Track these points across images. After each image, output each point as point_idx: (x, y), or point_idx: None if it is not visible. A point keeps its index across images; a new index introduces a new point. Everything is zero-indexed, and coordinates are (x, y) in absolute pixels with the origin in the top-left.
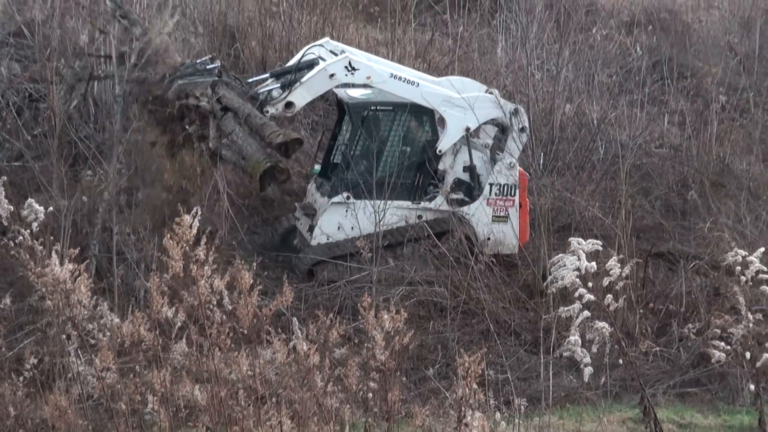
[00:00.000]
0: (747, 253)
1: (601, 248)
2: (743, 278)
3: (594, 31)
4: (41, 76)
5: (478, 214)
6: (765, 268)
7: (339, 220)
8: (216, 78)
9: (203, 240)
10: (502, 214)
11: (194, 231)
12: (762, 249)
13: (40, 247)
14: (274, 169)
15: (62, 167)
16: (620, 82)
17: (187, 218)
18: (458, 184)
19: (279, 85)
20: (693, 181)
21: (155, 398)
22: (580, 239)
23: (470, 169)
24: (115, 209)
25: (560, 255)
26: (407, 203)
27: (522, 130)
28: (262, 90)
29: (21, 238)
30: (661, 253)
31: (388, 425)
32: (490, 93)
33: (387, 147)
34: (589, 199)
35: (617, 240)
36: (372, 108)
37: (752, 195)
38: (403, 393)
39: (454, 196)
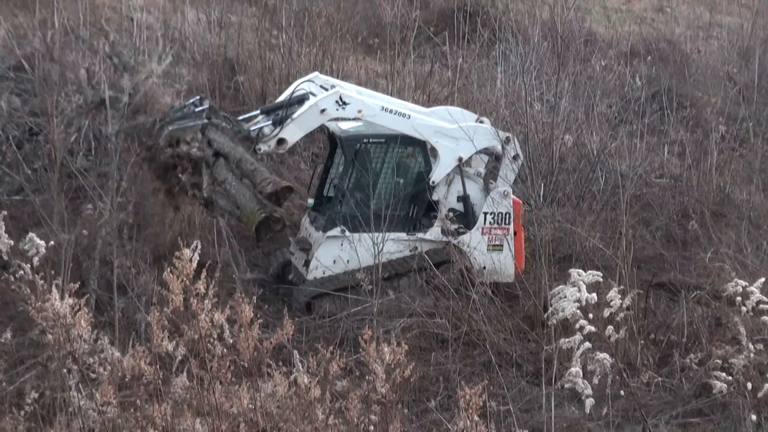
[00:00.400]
0: (748, 284)
1: (601, 279)
2: (744, 308)
3: (593, 61)
4: (41, 110)
5: (474, 243)
6: (766, 299)
7: (335, 253)
8: (205, 121)
9: (203, 274)
10: (497, 242)
11: (194, 265)
12: (763, 279)
13: (41, 282)
14: (268, 219)
15: (62, 201)
16: (619, 112)
17: (187, 252)
18: (453, 213)
19: (270, 121)
20: (693, 211)
21: (157, 430)
22: (581, 270)
23: (464, 198)
24: (115, 243)
25: (561, 286)
26: (402, 235)
27: (515, 158)
28: (254, 128)
29: (22, 272)
30: (662, 283)
31: None
32: (482, 122)
33: (380, 179)
34: (590, 229)
35: (618, 270)
36: (364, 141)
37: (753, 225)
38: (405, 425)
39: (449, 226)
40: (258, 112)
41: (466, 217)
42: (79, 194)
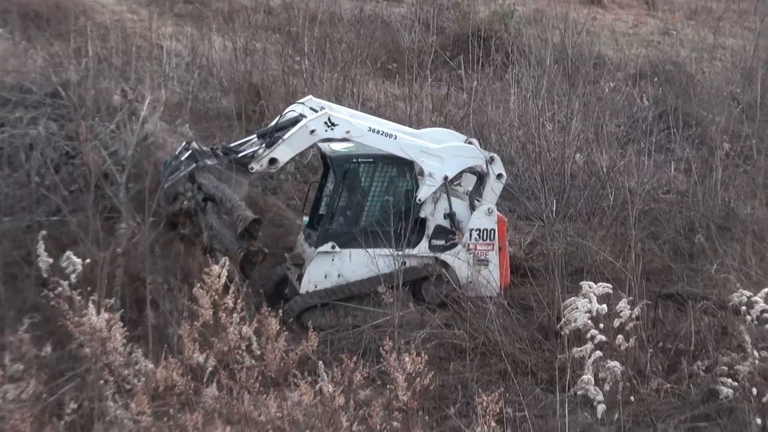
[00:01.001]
0: (752, 294)
1: (611, 291)
2: (749, 317)
3: (602, 83)
4: (77, 134)
5: (460, 258)
6: None
7: (325, 268)
8: (192, 166)
9: (231, 289)
10: (482, 258)
11: (222, 281)
12: (766, 290)
13: (78, 297)
14: (248, 255)
15: (98, 221)
16: (628, 131)
17: (215, 268)
18: (439, 230)
19: (264, 144)
20: (699, 225)
21: None
22: (592, 283)
23: (450, 215)
24: (147, 260)
25: (573, 298)
26: (389, 251)
27: (499, 177)
28: (249, 150)
29: (60, 288)
30: (670, 294)
31: None
32: (470, 143)
33: (369, 197)
34: (600, 243)
35: (627, 282)
36: (354, 161)
37: (757, 238)
38: (425, 431)
39: (435, 242)
40: (254, 135)
41: (452, 234)
42: (113, 215)
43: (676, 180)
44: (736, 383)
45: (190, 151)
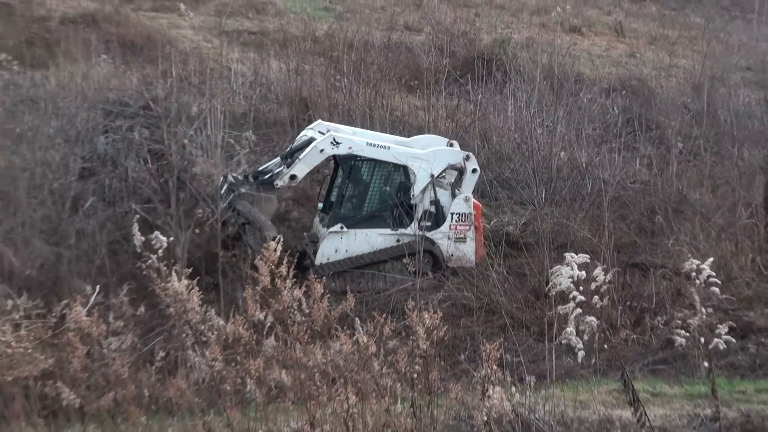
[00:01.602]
0: (700, 263)
1: (589, 260)
2: (698, 281)
3: (581, 95)
4: (163, 139)
5: (443, 236)
6: (714, 274)
7: (335, 244)
8: (232, 196)
9: (285, 260)
10: (461, 236)
11: (278, 253)
12: (711, 259)
13: (164, 268)
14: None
15: (179, 207)
16: (602, 134)
17: (272, 244)
18: (427, 214)
19: (286, 164)
20: (659, 209)
21: (252, 381)
22: (573, 254)
23: (435, 203)
24: (219, 238)
25: (558, 266)
26: (388, 230)
27: (474, 171)
28: (276, 170)
29: (150, 261)
30: (635, 263)
31: (429, 398)
32: (451, 144)
33: (370, 188)
34: (580, 223)
35: (602, 254)
36: (357, 159)
37: (704, 218)
38: (441, 373)
39: (423, 223)
40: (278, 158)
41: (437, 217)
42: (195, 201)
43: (640, 172)
44: (688, 334)
45: (227, 184)
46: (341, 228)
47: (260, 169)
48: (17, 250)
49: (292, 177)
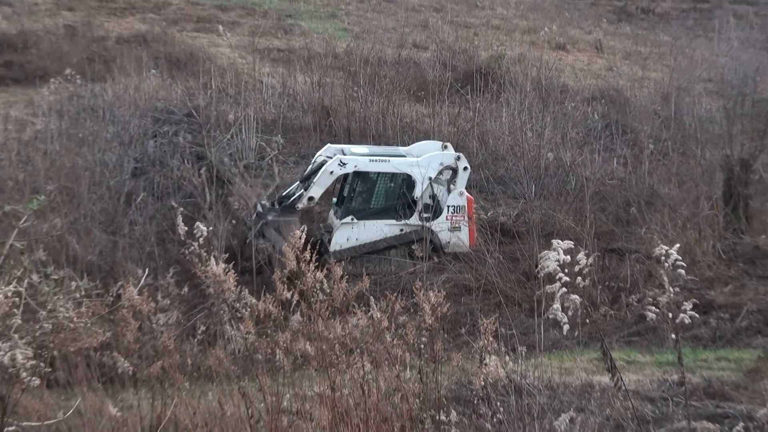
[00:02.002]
0: (668, 248)
1: (573, 246)
2: (666, 265)
3: (566, 103)
4: (205, 142)
5: (441, 226)
6: (680, 258)
7: (347, 234)
8: (260, 224)
9: (308, 247)
10: (456, 225)
11: (302, 241)
12: (678, 245)
13: (204, 254)
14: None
15: (218, 202)
16: (584, 137)
17: (297, 233)
18: (426, 207)
19: (304, 187)
20: (633, 202)
21: (281, 351)
22: (559, 241)
23: (433, 197)
24: (253, 228)
25: (546, 251)
26: (393, 221)
27: (465, 169)
28: (297, 193)
29: (192, 248)
30: (613, 249)
31: (434, 366)
32: (445, 147)
33: (377, 185)
34: (565, 214)
35: (584, 241)
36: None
37: (672, 210)
38: (444, 344)
39: (424, 215)
40: (298, 182)
41: (435, 210)
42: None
43: (617, 170)
44: (657, 310)
45: (256, 213)
46: (352, 219)
47: (284, 194)
48: (80, 238)
49: (310, 199)
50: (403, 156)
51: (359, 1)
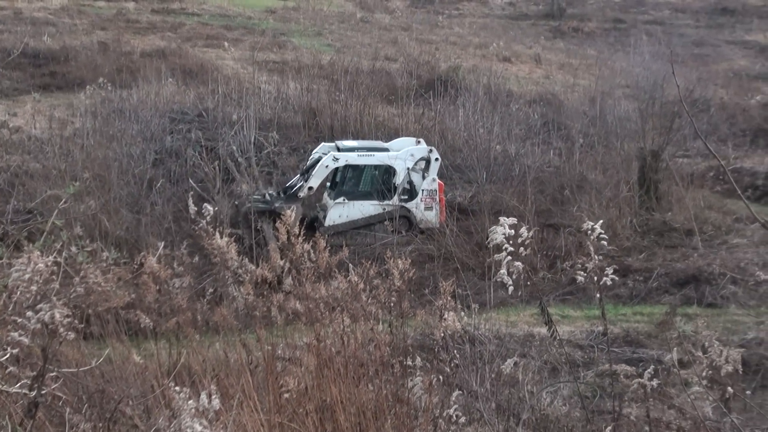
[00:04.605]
0: (594, 224)
1: (517, 222)
2: (593, 237)
3: (511, 105)
4: (213, 137)
5: (416, 206)
6: (603, 232)
7: (339, 212)
8: (267, 207)
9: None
10: (429, 206)
11: (293, 218)
12: (601, 221)
13: (211, 229)
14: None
15: (223, 186)
16: (526, 132)
17: (288, 212)
18: (404, 191)
19: (304, 179)
20: (566, 185)
21: (275, 309)
22: (506, 218)
23: (410, 183)
24: (253, 206)
25: (495, 226)
26: (377, 202)
27: (436, 160)
28: (298, 185)
29: (201, 224)
30: (550, 224)
31: (402, 320)
32: (419, 142)
33: (364, 173)
34: (511, 196)
35: (526, 218)
36: (356, 150)
37: (597, 192)
38: (410, 303)
39: (402, 197)
40: (299, 175)
41: (411, 193)
42: (234, 181)
43: (553, 160)
44: (585, 274)
45: (264, 199)
46: (344, 200)
47: (287, 185)
48: (110, 217)
49: (310, 188)
50: (387, 149)
51: (341, 22)
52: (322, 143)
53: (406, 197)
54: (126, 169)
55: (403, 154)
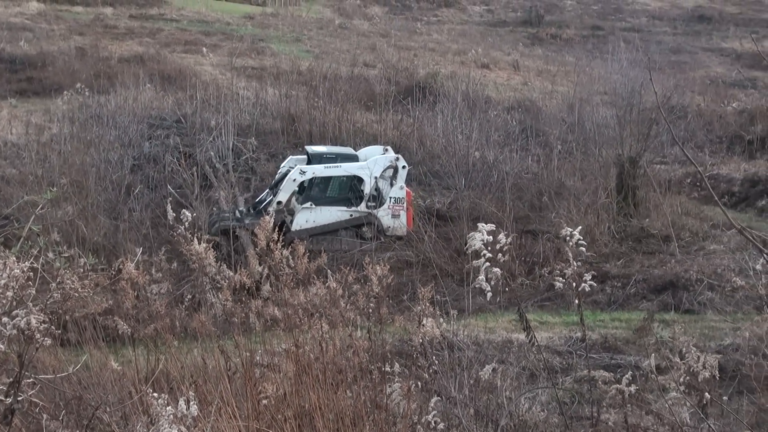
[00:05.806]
0: (572, 230)
1: (495, 228)
2: (571, 243)
3: (489, 111)
4: (191, 143)
5: (383, 214)
6: (581, 238)
7: (306, 217)
8: (236, 224)
9: (276, 229)
10: (396, 214)
11: (271, 224)
12: (580, 227)
13: (189, 235)
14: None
15: (201, 192)
16: (504, 139)
17: (267, 218)
18: (372, 198)
19: (273, 194)
20: (544, 192)
21: (254, 315)
22: (484, 224)
23: (377, 190)
24: (231, 213)
25: (473, 233)
26: (344, 207)
27: (404, 167)
28: (267, 199)
29: (180, 230)
30: (528, 230)
31: (380, 326)
32: (386, 150)
33: (331, 179)
34: (489, 202)
35: (504, 224)
36: (325, 157)
37: (576, 198)
38: (389, 309)
39: (370, 204)
40: (268, 190)
41: (379, 200)
42: (211, 187)
43: (531, 166)
44: (564, 280)
45: (236, 215)
46: (311, 205)
47: (257, 200)
48: (87, 223)
49: (278, 203)
50: (356, 156)
51: (319, 28)
52: (290, 156)
53: (374, 204)
54: (104, 175)
55: (370, 162)
